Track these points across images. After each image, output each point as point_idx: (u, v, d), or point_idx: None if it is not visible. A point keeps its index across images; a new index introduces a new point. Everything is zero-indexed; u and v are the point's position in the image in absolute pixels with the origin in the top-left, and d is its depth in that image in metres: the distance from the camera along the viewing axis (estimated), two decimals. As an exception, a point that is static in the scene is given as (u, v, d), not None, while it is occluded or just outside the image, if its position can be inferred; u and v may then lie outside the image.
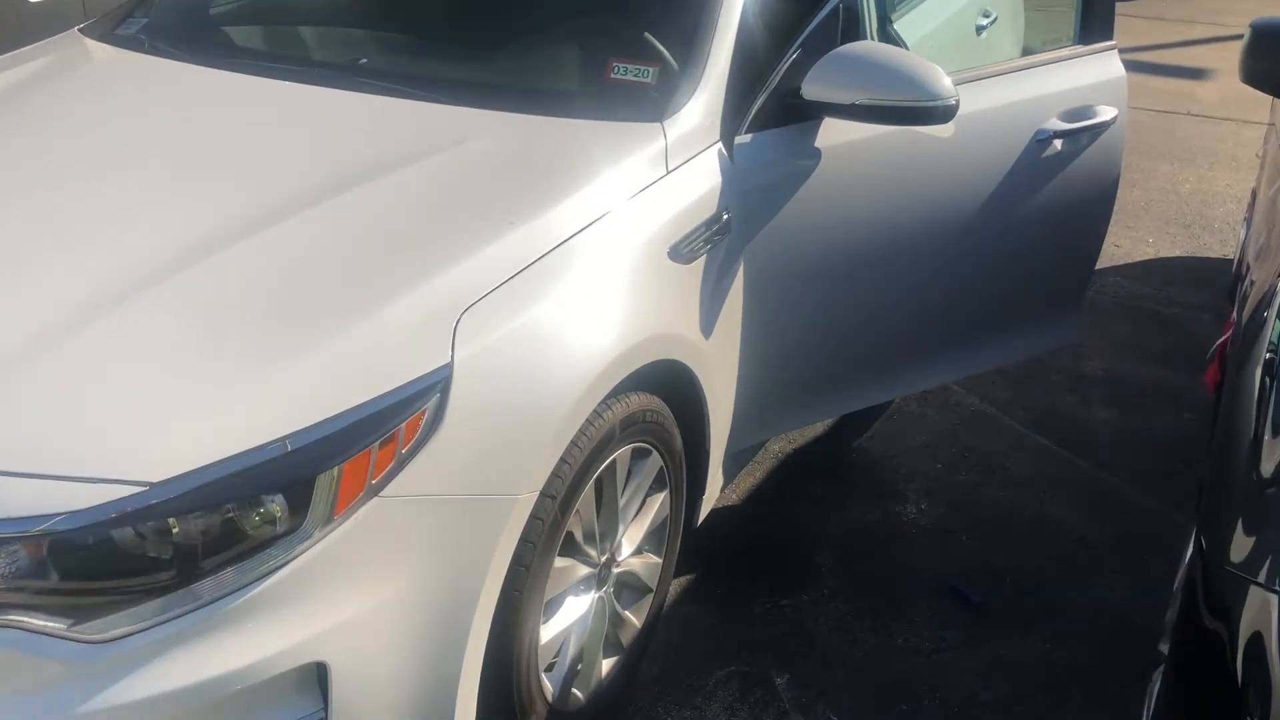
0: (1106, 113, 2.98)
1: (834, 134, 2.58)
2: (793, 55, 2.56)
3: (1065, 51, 3.03)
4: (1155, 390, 3.88)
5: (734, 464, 2.88)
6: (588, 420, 2.03)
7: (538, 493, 1.90)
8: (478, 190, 2.11)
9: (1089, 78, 3.01)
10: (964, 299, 3.01)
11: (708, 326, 2.41)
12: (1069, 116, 2.93)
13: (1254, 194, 4.65)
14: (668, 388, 2.33)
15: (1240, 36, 2.84)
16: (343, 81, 2.52)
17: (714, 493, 2.70)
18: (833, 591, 2.84)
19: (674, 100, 2.41)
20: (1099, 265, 3.58)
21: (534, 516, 1.91)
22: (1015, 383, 3.81)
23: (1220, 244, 5.24)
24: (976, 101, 2.80)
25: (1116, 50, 3.07)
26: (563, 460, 1.96)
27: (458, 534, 1.77)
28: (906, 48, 2.95)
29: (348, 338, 1.74)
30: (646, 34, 2.59)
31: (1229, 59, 8.69)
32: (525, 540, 1.91)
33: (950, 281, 2.94)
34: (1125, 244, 5.15)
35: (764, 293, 2.57)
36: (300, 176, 2.14)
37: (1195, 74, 8.17)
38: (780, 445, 3.40)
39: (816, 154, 2.56)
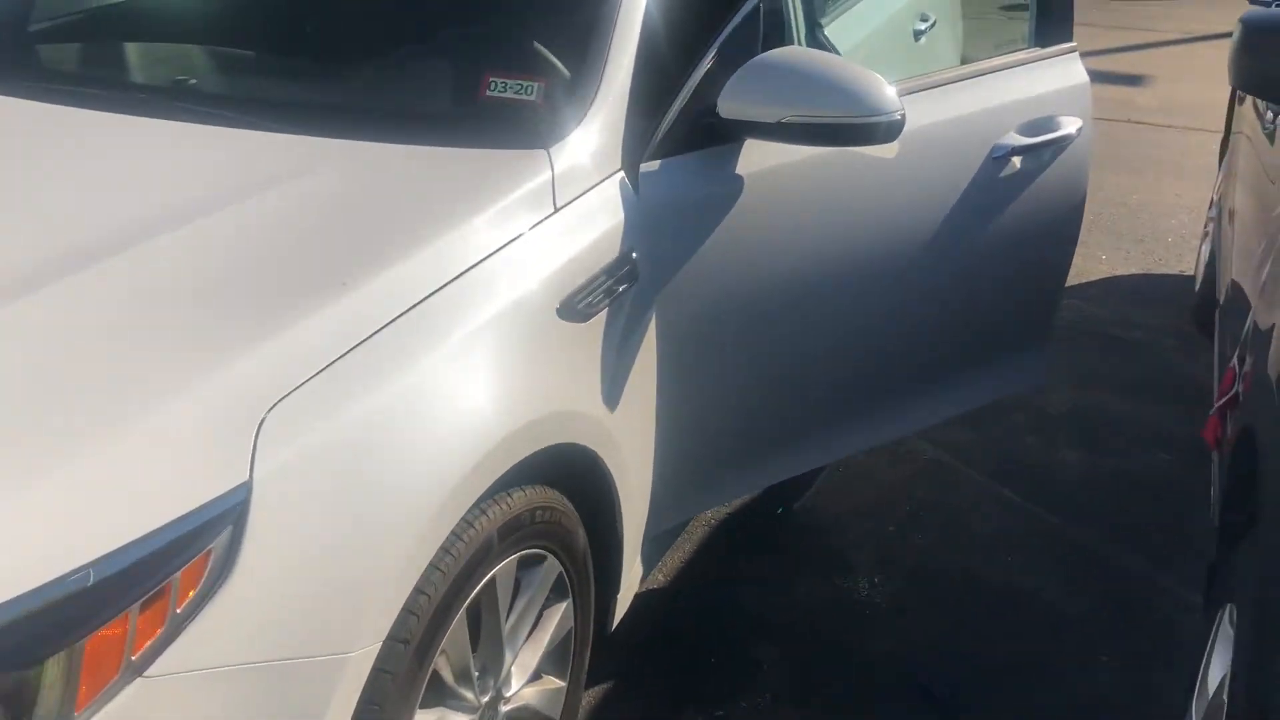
0: (1070, 124, 2.60)
1: (758, 158, 2.16)
2: (707, 65, 2.14)
3: (1021, 55, 2.65)
4: (1126, 426, 3.51)
5: (656, 547, 2.45)
6: (453, 534, 1.59)
7: (382, 640, 1.45)
8: (302, 243, 1.66)
9: (1049, 84, 2.63)
10: (916, 343, 2.60)
11: (613, 396, 1.97)
12: (1029, 130, 2.55)
13: (1214, 205, 4.34)
14: (566, 474, 1.90)
15: (1176, 42, 2.49)
16: (160, 108, 2.05)
17: (632, 587, 2.27)
18: (777, 696, 2.41)
19: (563, 122, 1.98)
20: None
21: (380, 670, 1.46)
22: (973, 425, 3.43)
23: (1176, 258, 4.92)
24: (924, 115, 2.40)
25: (1078, 53, 2.70)
26: (418, 592, 1.51)
27: (266, 714, 1.31)
28: (838, 55, 2.56)
29: (96, 456, 1.27)
30: (530, 42, 2.17)
31: (1165, 64, 8.47)
32: (368, 703, 1.45)
33: (900, 324, 2.54)
34: (1077, 261, 4.76)
35: (682, 348, 2.14)
36: (73, 232, 1.66)
37: (1132, 80, 7.94)
38: (711, 512, 2.97)
39: (738, 182, 2.15)
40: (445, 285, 1.67)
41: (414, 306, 1.61)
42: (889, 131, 2.04)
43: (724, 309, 2.19)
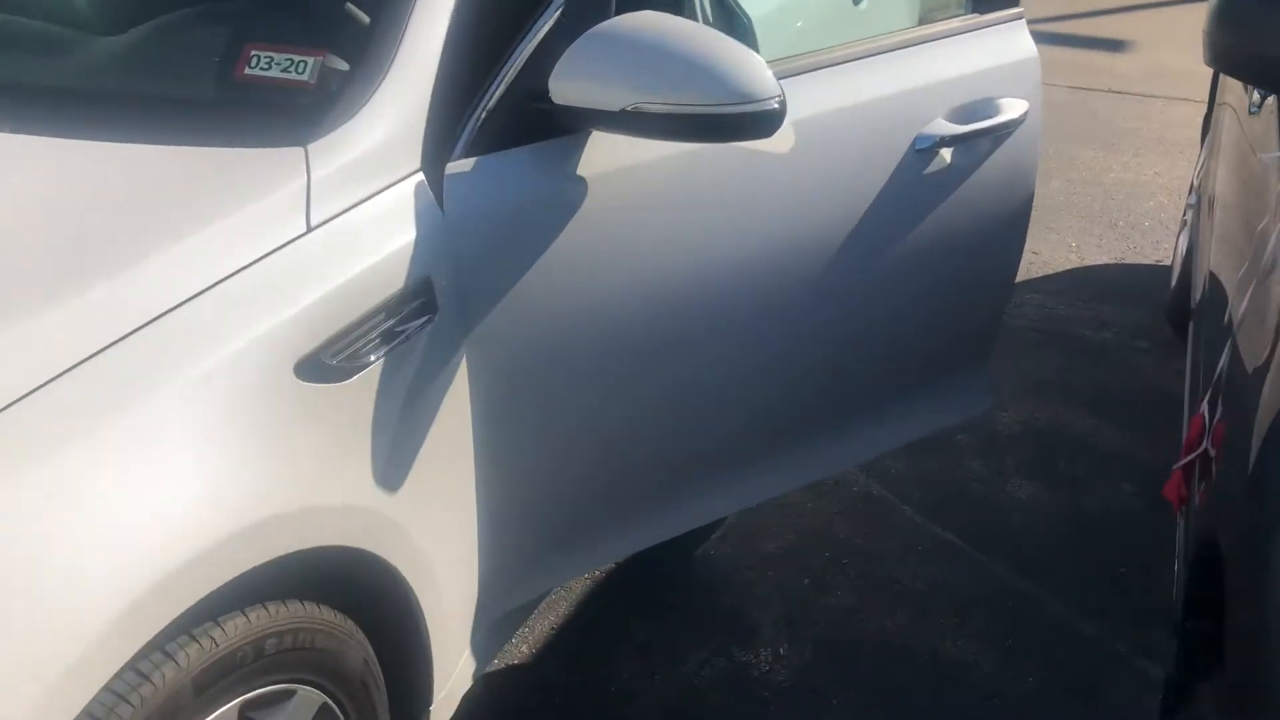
0: (1013, 107, 2.14)
1: (608, 153, 1.70)
2: (541, 34, 1.68)
3: (955, 23, 2.18)
4: (1086, 451, 3.07)
5: (505, 627, 2.01)
6: (110, 692, 1.15)
7: None
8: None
9: (988, 59, 2.16)
10: (829, 374, 2.15)
11: (397, 471, 1.52)
12: (961, 115, 2.08)
13: (1194, 190, 3.88)
14: (326, 579, 1.45)
15: (1162, 4, 2.03)
16: None
17: (456, 691, 1.83)
18: (642, 812, 1.99)
19: (334, 110, 1.51)
20: (1011, 295, 2.78)
21: None
22: (911, 449, 2.97)
23: (1152, 246, 4.47)
24: (830, 98, 1.94)
25: (1024, 21, 2.24)
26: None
27: None
28: (748, 23, 2.09)
29: None
30: (307, 2, 1.70)
31: (1149, 29, 7.97)
32: None
33: (806, 353, 2.09)
34: (1044, 250, 4.36)
35: (508, 397, 1.69)
36: None
37: (1113, 46, 7.44)
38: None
39: (580, 185, 1.68)
40: (120, 340, 1.22)
41: (71, 369, 1.16)
42: (762, 124, 1.58)
43: (566, 345, 1.74)
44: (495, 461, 1.70)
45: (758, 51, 2.03)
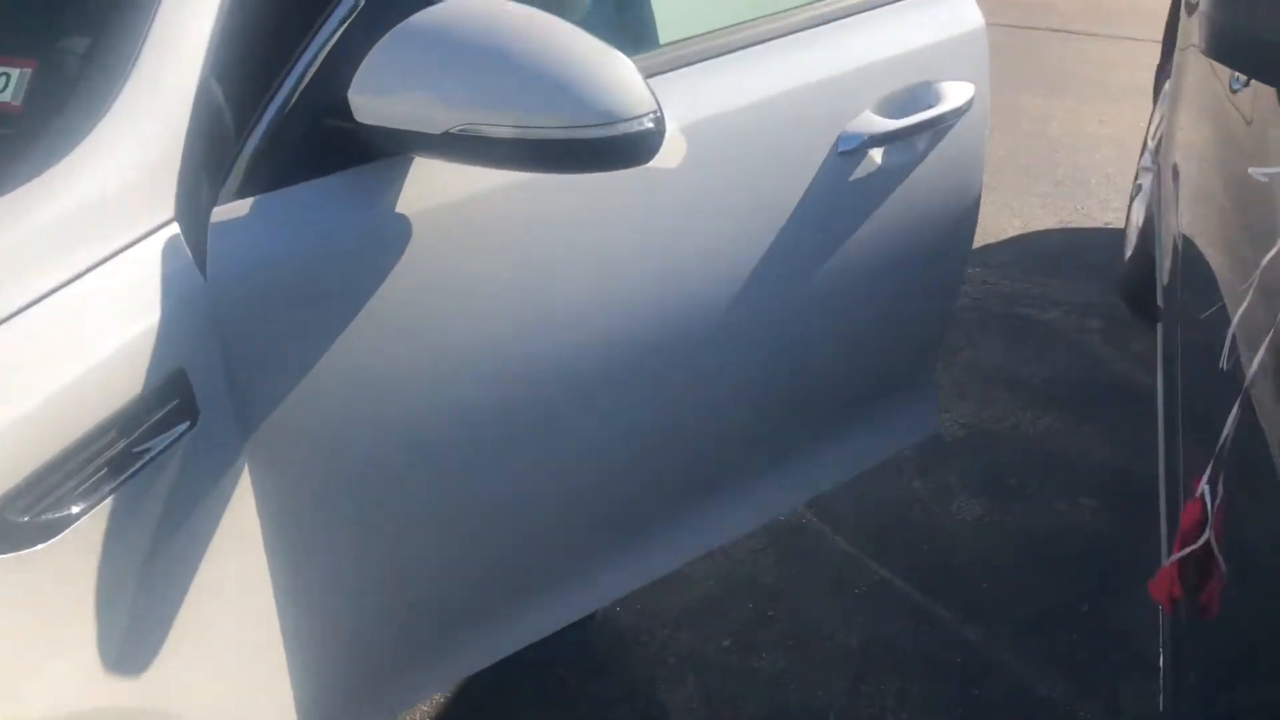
0: (956, 93, 1.76)
1: (439, 179, 1.31)
2: (335, 31, 1.27)
3: (885, -10, 1.79)
4: (1037, 458, 2.74)
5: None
6: None
7: None
8: None
9: (925, 35, 1.77)
10: (744, 419, 1.78)
11: (152, 659, 1.14)
12: (893, 107, 1.70)
13: (1147, 150, 3.55)
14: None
15: None
16: None
17: None
18: None
19: (42, 142, 1.11)
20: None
21: None
22: (844, 463, 2.64)
23: (1100, 206, 4.14)
24: (730, 92, 1.54)
25: (969, -18, 1.86)
26: None
27: None
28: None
29: None
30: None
31: (1088, -41, 7.62)
32: None
33: (713, 399, 1.71)
34: (985, 214, 3.96)
35: (315, 519, 1.31)
36: None
37: (1052, -21, 7.08)
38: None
39: (400, 225, 1.29)
40: None
41: None
42: (632, 149, 1.19)
43: (389, 438, 1.35)
44: (304, 599, 1.32)
45: (656, 31, 1.68)
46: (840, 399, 1.92)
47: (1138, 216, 3.35)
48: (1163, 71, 3.52)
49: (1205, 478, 1.32)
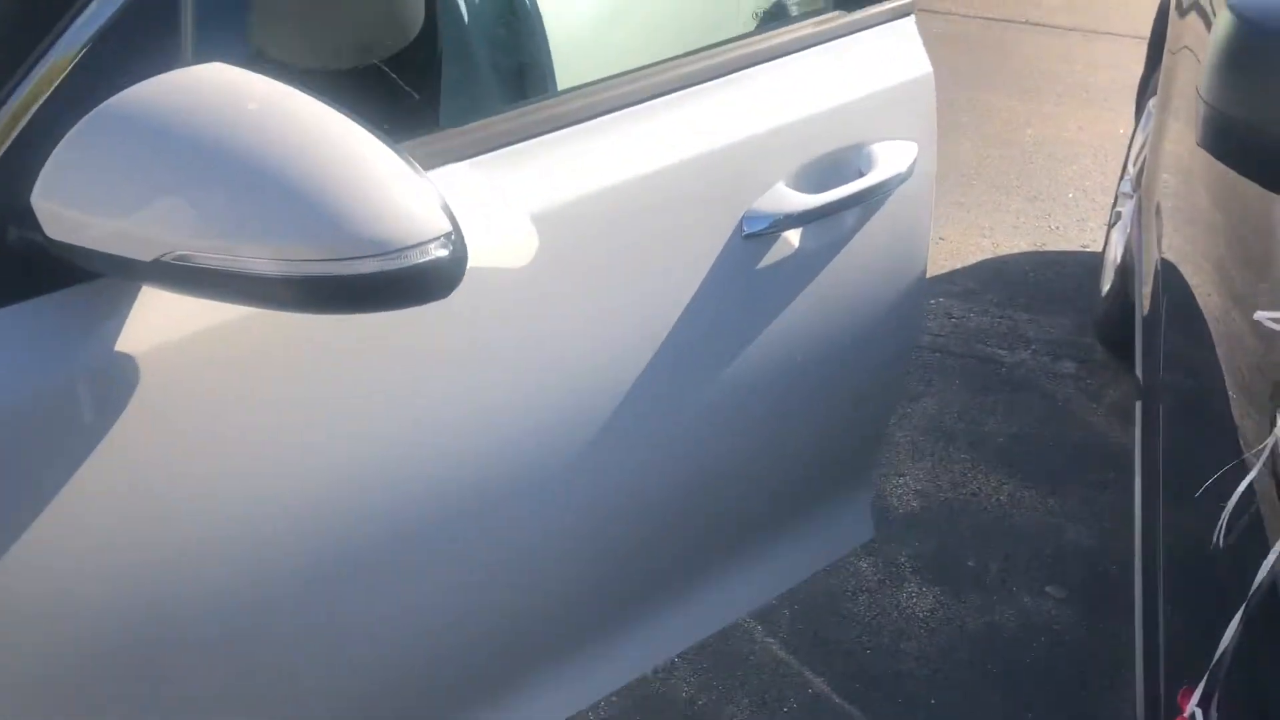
0: (894, 157, 1.43)
1: (175, 310, 0.99)
2: (23, 109, 0.94)
3: (807, 29, 1.44)
4: (1000, 534, 2.43)
5: None
6: None
7: None
8: None
9: (858, 84, 1.44)
10: (631, 546, 1.47)
11: None
12: (814, 177, 1.37)
13: (1127, 174, 3.23)
14: None
15: None
16: None
17: None
18: None
19: None
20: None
21: None
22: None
23: (1077, 225, 3.82)
24: (601, 166, 1.22)
25: (913, 19, 1.52)
26: None
27: None
28: (541, 33, 1.36)
29: None
30: None
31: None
32: None
33: (591, 533, 1.40)
34: (953, 234, 3.69)
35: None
36: None
37: (1033, -33, 6.74)
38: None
39: (124, 367, 0.97)
40: None
41: None
42: (421, 283, 0.87)
43: (116, 643, 1.03)
44: None
45: (553, 75, 1.36)
46: (757, 515, 1.61)
47: (1116, 249, 3.04)
48: (1147, 86, 3.21)
49: (1195, 698, 1.01)
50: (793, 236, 1.36)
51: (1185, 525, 1.71)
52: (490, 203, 1.13)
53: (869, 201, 1.40)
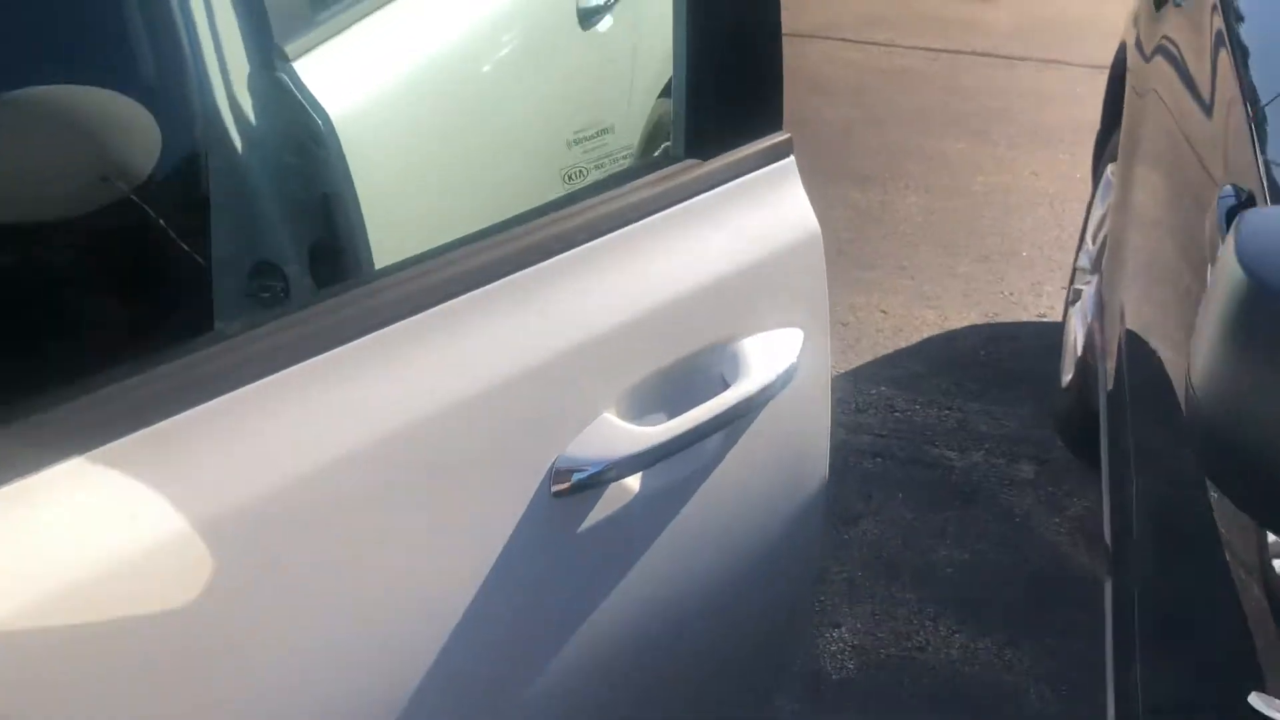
0: (773, 355, 1.07)
1: None
2: None
3: (647, 189, 1.05)
4: (951, 701, 2.07)
5: None
6: None
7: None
8: None
9: (720, 260, 1.07)
10: None
11: None
12: (658, 395, 1.01)
13: (1083, 246, 2.89)
14: None
15: None
16: None
17: None
18: None
19: None
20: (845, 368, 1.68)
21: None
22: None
23: (1032, 290, 3.48)
24: (364, 410, 0.85)
25: (793, 161, 1.15)
26: None
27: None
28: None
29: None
30: None
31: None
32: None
33: None
34: (895, 306, 3.34)
35: None
36: None
37: (981, -10, 6.42)
38: None
39: None
40: None
41: None
42: None
43: None
44: None
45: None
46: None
47: (1076, 334, 2.69)
48: (1104, 147, 2.86)
49: None
50: (632, 481, 0.99)
51: (1166, 688, 1.39)
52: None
53: (737, 421, 1.03)
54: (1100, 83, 3.06)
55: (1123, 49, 2.66)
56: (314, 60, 1.24)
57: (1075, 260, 2.92)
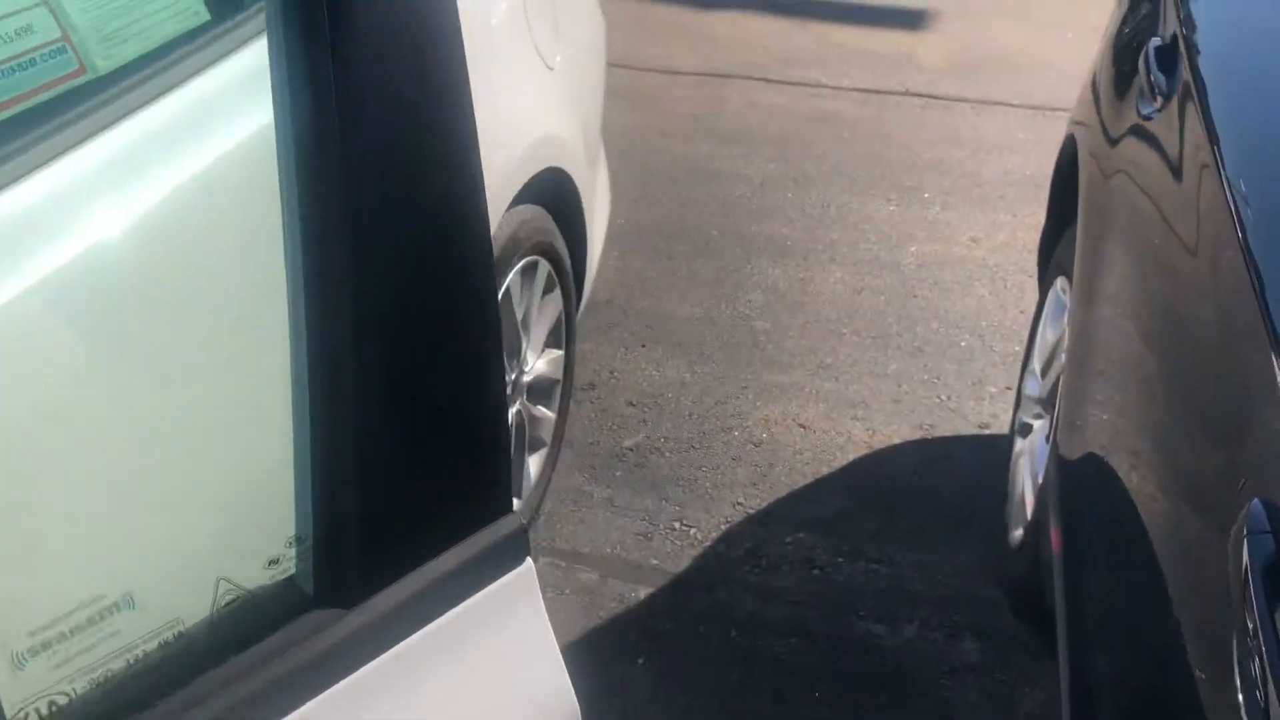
0: None
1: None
2: None
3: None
4: None
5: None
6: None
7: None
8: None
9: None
10: None
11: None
12: None
13: (1030, 368, 2.45)
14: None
15: None
16: None
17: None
18: None
19: None
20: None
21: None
22: None
23: (972, 392, 3.03)
24: None
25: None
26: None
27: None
28: None
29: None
30: None
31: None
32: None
33: None
34: (816, 418, 2.88)
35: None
36: None
37: (912, 21, 5.95)
38: None
39: None
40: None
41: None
42: None
43: None
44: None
45: None
46: None
47: (1025, 487, 2.24)
48: (1052, 249, 2.41)
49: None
50: None
51: None
52: None
53: None
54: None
55: (1071, 142, 2.21)
56: None
57: (1021, 381, 2.48)
